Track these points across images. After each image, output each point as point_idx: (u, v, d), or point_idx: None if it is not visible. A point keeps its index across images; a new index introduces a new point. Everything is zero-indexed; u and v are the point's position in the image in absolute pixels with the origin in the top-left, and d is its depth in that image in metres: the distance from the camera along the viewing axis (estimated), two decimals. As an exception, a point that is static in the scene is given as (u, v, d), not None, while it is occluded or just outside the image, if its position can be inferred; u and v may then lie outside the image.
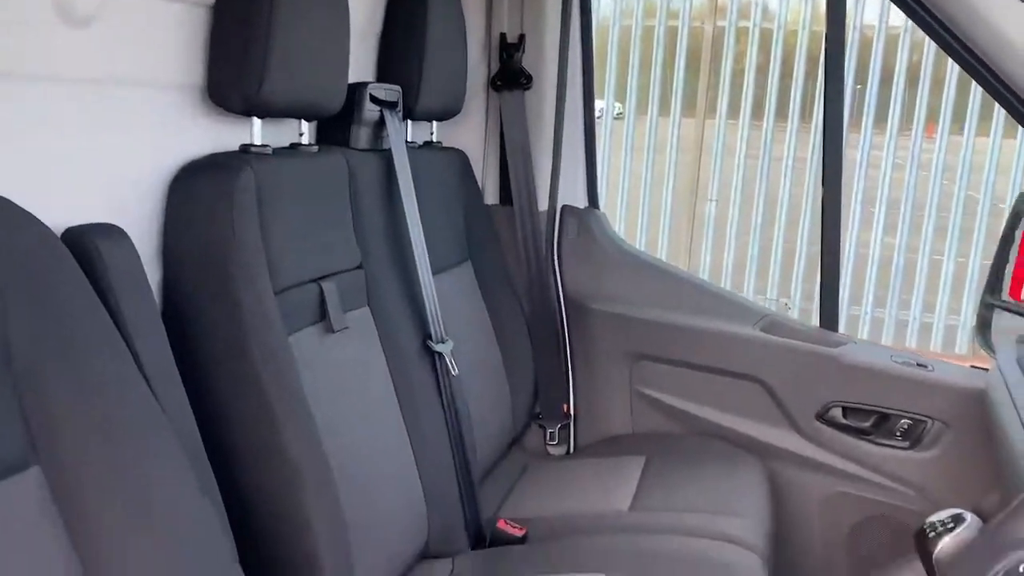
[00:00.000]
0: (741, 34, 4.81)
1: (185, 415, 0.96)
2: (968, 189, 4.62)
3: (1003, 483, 1.45)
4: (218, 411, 1.05)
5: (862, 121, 4.65)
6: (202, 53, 1.16)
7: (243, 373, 1.06)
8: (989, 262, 1.78)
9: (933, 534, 0.76)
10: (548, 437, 2.02)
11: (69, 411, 0.79)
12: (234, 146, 1.20)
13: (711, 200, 5.03)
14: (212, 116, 1.19)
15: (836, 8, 1.79)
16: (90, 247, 0.89)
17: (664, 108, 4.93)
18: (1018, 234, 1.80)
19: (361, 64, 1.57)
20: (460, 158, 1.84)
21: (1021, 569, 0.57)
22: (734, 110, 4.85)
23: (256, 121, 1.19)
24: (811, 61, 4.70)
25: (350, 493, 1.17)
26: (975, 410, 1.71)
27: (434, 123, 1.79)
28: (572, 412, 2.03)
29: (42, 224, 0.81)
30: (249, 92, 1.12)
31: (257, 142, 1.20)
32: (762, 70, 4.78)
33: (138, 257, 0.95)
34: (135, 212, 1.07)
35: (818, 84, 4.50)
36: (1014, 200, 1.80)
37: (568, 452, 2.04)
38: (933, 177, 4.61)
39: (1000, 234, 1.81)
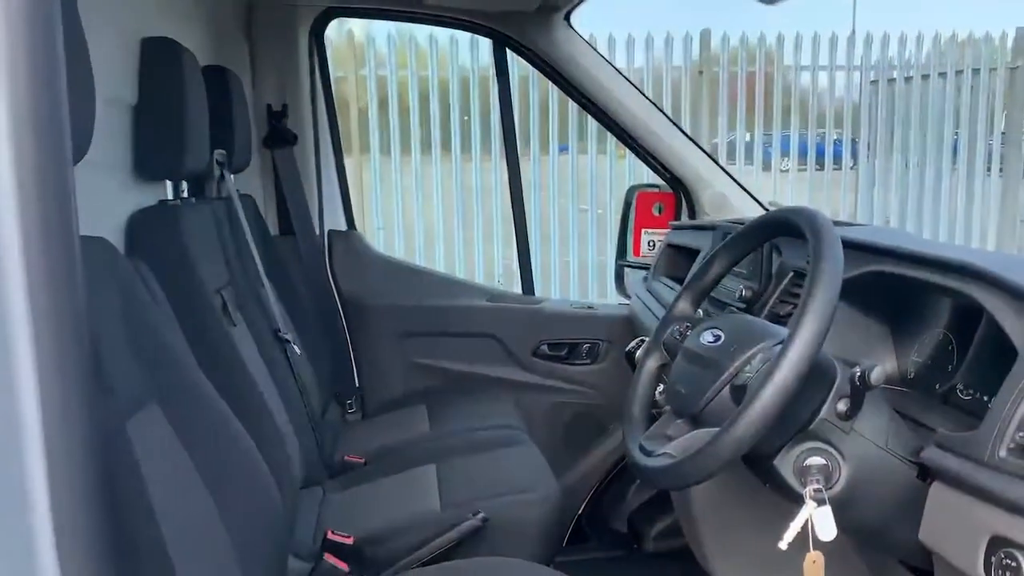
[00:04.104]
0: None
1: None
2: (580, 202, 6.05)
3: None
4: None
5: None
6: (126, 139, 1.62)
7: (214, 357, 1.57)
8: (603, 257, 2.66)
9: (635, 351, 1.55)
10: (347, 408, 2.63)
11: (173, 358, 1.28)
12: (152, 201, 1.68)
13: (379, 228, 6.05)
14: (130, 182, 1.66)
15: (501, 66, 2.65)
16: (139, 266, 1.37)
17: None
18: (630, 215, 2.84)
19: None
20: (252, 203, 2.38)
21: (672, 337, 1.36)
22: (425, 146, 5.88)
23: (168, 183, 1.68)
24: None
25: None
26: (626, 329, 2.67)
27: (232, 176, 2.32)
28: (360, 385, 2.66)
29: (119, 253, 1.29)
30: (175, 165, 1.62)
31: (171, 198, 1.69)
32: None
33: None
34: None
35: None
36: (625, 192, 2.83)
37: (363, 417, 2.66)
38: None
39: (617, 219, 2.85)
